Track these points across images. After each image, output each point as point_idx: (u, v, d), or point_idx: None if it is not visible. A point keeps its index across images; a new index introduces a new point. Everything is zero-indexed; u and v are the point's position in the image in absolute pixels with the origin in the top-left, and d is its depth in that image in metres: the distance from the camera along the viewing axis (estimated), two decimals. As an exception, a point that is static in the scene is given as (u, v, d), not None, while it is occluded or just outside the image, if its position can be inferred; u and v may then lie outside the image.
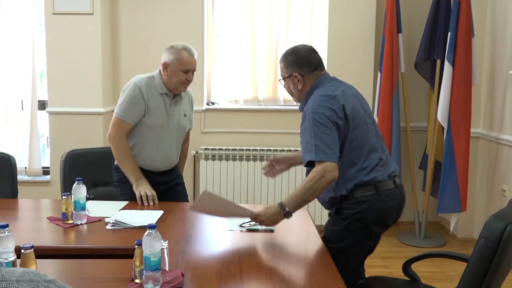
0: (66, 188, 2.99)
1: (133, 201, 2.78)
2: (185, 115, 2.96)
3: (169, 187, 2.99)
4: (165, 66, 2.79)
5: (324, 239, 2.29)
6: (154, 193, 2.77)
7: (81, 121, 4.35)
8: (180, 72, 2.77)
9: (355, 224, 2.23)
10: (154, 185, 2.86)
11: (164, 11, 4.51)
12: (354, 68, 4.49)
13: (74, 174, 3.05)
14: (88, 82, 4.33)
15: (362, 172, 2.23)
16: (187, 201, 3.08)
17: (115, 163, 2.92)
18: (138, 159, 2.86)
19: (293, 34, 4.61)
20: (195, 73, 2.87)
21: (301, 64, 2.33)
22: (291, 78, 2.36)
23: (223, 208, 2.31)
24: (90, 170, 3.13)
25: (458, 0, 4.01)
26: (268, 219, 2.21)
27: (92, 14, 4.26)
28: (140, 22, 4.55)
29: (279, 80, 2.46)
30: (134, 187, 2.79)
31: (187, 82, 2.82)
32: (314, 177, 2.12)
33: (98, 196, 3.04)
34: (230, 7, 4.66)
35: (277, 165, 2.71)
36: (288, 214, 2.18)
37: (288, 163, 2.71)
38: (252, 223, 2.37)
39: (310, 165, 2.19)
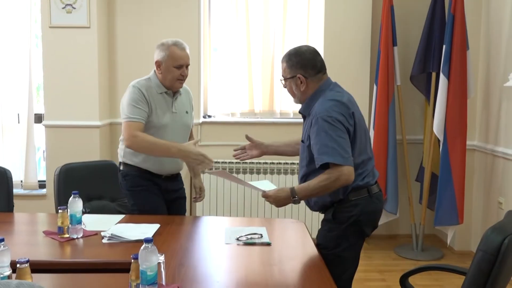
0: (61, 202, 2.95)
1: (148, 215, 2.76)
2: (186, 112, 2.94)
3: (175, 198, 2.96)
4: (158, 64, 2.78)
5: (319, 246, 2.33)
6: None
7: (77, 134, 4.34)
8: (173, 69, 2.74)
9: (351, 227, 2.30)
10: (164, 192, 2.86)
11: (161, 24, 4.52)
12: (350, 81, 4.47)
13: (68, 188, 3.01)
14: (84, 95, 4.33)
15: (359, 177, 2.29)
16: (184, 215, 3.06)
17: (122, 168, 2.87)
18: (146, 163, 2.80)
19: (289, 47, 4.60)
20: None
21: (305, 66, 2.35)
22: (294, 79, 2.36)
23: (236, 182, 2.60)
24: (84, 184, 3.09)
25: (452, 14, 4.05)
26: (277, 202, 2.32)
27: (88, 27, 4.27)
28: (137, 36, 4.56)
29: (280, 80, 2.45)
30: (183, 157, 2.74)
31: (182, 77, 2.79)
32: (329, 178, 2.18)
33: (92, 210, 3.02)
34: (226, 20, 4.69)
35: (249, 151, 2.76)
36: (296, 201, 2.27)
37: (261, 150, 2.76)
38: (249, 236, 2.38)
39: (324, 167, 2.22)
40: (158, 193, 2.85)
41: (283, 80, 2.42)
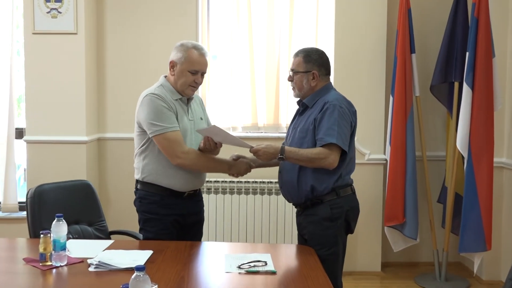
0: (35, 228, 2.94)
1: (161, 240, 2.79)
2: (201, 119, 2.96)
3: (194, 222, 2.99)
4: (172, 64, 2.81)
5: (315, 248, 2.66)
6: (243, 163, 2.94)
7: (62, 150, 4.36)
8: (187, 73, 2.77)
9: (344, 223, 2.74)
10: (183, 217, 2.87)
11: (154, 31, 4.56)
12: (363, 92, 4.52)
13: (42, 211, 3.00)
14: (70, 108, 4.35)
15: (348, 174, 2.79)
16: (200, 240, 3.07)
17: (139, 187, 2.87)
18: (169, 180, 2.79)
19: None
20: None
21: (322, 65, 2.81)
22: (307, 74, 2.78)
23: (227, 139, 2.79)
24: (59, 206, 3.02)
25: (476, 17, 4.06)
26: (265, 156, 2.70)
27: (76, 34, 4.31)
28: (128, 43, 4.60)
29: (291, 71, 2.83)
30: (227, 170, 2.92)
31: (195, 85, 2.81)
32: (319, 154, 2.62)
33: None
34: (226, 25, 4.72)
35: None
36: (281, 159, 2.69)
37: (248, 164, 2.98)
38: (252, 264, 2.38)
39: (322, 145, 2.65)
40: (171, 226, 2.85)
41: (293, 72, 2.81)
